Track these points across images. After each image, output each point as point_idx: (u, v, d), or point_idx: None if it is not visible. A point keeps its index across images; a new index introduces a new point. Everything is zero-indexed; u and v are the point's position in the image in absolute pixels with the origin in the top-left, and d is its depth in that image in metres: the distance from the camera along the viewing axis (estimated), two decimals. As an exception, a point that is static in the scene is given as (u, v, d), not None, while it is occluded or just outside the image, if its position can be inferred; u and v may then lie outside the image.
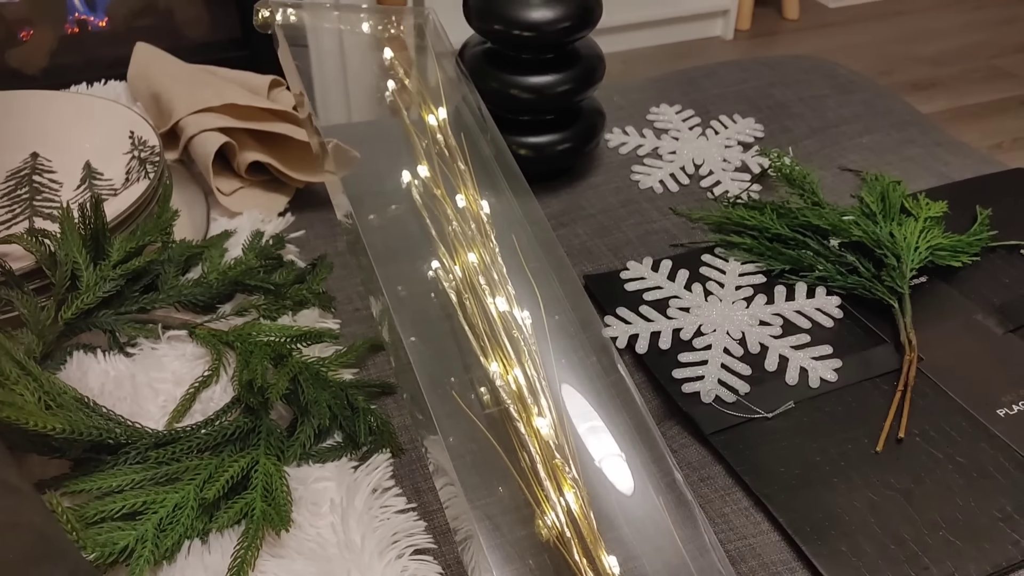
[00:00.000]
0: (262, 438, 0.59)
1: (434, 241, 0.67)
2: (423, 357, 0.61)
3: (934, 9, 2.77)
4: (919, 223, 0.81)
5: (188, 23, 2.02)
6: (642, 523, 0.58)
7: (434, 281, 0.67)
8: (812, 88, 1.11)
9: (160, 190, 0.76)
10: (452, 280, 0.65)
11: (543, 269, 0.69)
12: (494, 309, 0.62)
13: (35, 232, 0.67)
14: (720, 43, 2.57)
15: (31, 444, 0.55)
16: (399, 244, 0.70)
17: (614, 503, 0.58)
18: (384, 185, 0.74)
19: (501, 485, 0.56)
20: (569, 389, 0.63)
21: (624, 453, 0.61)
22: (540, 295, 0.66)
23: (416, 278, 0.68)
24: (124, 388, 0.63)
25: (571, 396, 0.63)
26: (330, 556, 0.54)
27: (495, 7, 0.84)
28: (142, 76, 0.94)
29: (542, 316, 0.65)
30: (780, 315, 0.75)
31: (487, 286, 0.63)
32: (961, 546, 0.58)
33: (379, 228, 0.70)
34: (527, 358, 0.60)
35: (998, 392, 0.68)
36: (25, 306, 0.63)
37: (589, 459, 0.59)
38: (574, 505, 0.53)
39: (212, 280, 0.70)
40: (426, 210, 0.69)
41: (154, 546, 0.52)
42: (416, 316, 0.64)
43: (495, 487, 0.56)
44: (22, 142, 0.83)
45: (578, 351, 0.66)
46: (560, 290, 0.69)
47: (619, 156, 0.98)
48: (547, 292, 0.68)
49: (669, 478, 0.59)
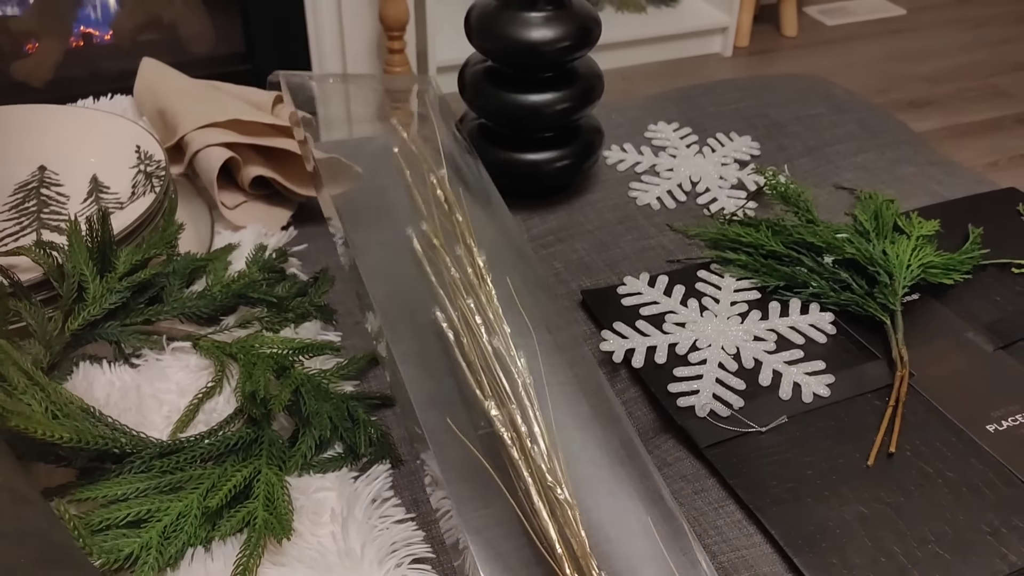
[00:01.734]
0: (264, 448, 0.60)
1: (434, 287, 0.70)
2: (416, 375, 0.63)
3: (932, 28, 2.80)
4: (911, 241, 0.82)
5: (192, 37, 2.04)
6: (631, 538, 0.59)
7: (428, 299, 0.69)
8: (808, 107, 1.12)
9: (165, 204, 0.77)
10: (450, 322, 0.67)
11: (537, 302, 0.72)
12: (489, 347, 0.64)
13: (43, 244, 0.68)
14: (719, 60, 2.59)
15: (38, 453, 0.56)
16: (393, 266, 0.72)
17: (604, 518, 0.59)
18: (380, 206, 0.76)
19: (495, 499, 0.57)
20: (560, 409, 0.65)
21: (613, 469, 0.62)
22: (532, 324, 0.68)
23: (413, 297, 0.70)
24: (129, 398, 0.64)
25: (562, 416, 0.65)
26: (330, 564, 0.55)
27: (496, 27, 0.86)
28: (149, 91, 0.95)
29: (535, 344, 0.67)
30: (774, 331, 0.76)
31: (483, 326, 0.66)
32: (950, 559, 0.59)
33: (374, 248, 0.73)
34: (522, 390, 0.62)
35: (988, 408, 0.70)
36: (33, 317, 0.65)
37: (581, 477, 0.60)
38: (565, 525, 0.55)
39: (216, 293, 0.72)
40: (426, 259, 0.72)
41: (158, 553, 0.53)
42: (410, 333, 0.66)
43: (489, 501, 0.57)
44: (30, 155, 0.84)
45: (570, 369, 0.68)
46: (551, 308, 0.71)
47: (617, 173, 1.00)
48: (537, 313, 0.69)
49: (656, 494, 0.61)
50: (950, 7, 2.93)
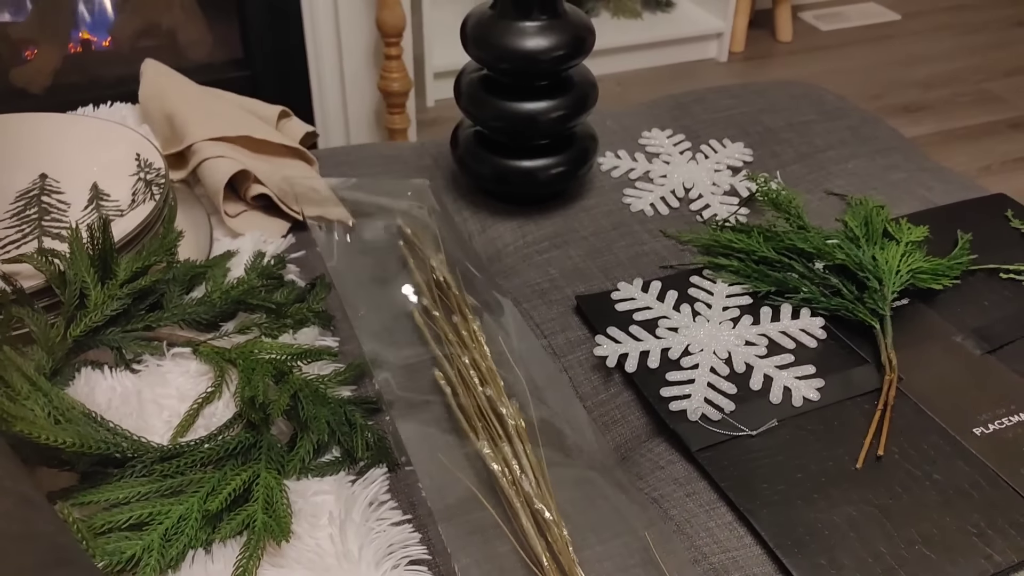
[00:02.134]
0: (263, 453, 0.61)
1: (432, 350, 0.75)
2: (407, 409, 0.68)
3: (925, 33, 2.81)
4: (901, 247, 0.83)
5: (191, 44, 2.05)
6: (618, 542, 0.61)
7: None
8: (800, 114, 1.14)
9: (165, 211, 0.78)
10: (448, 378, 0.72)
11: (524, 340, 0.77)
12: (483, 396, 0.69)
13: (45, 251, 0.69)
14: (714, 65, 2.61)
15: (41, 457, 0.57)
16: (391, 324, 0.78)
17: (590, 525, 0.61)
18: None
19: (479, 510, 0.61)
20: (550, 419, 0.68)
21: (602, 477, 0.65)
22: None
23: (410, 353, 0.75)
24: (130, 403, 0.65)
25: (550, 423, 0.68)
26: (328, 566, 0.56)
27: (491, 36, 0.87)
28: (156, 96, 0.96)
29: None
30: (765, 335, 0.78)
31: (477, 380, 0.71)
32: (936, 560, 0.60)
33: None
34: (513, 431, 0.66)
35: (975, 412, 0.71)
36: (35, 323, 0.66)
37: (568, 490, 0.63)
38: (553, 542, 0.59)
39: (215, 299, 0.73)
40: (427, 328, 0.77)
41: (160, 555, 0.54)
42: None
43: (476, 510, 0.60)
44: (31, 164, 0.85)
45: (558, 375, 0.71)
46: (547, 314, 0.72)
47: (611, 179, 1.01)
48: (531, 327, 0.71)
49: (644, 498, 0.63)
50: (944, 13, 2.95)
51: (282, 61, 1.93)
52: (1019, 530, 0.62)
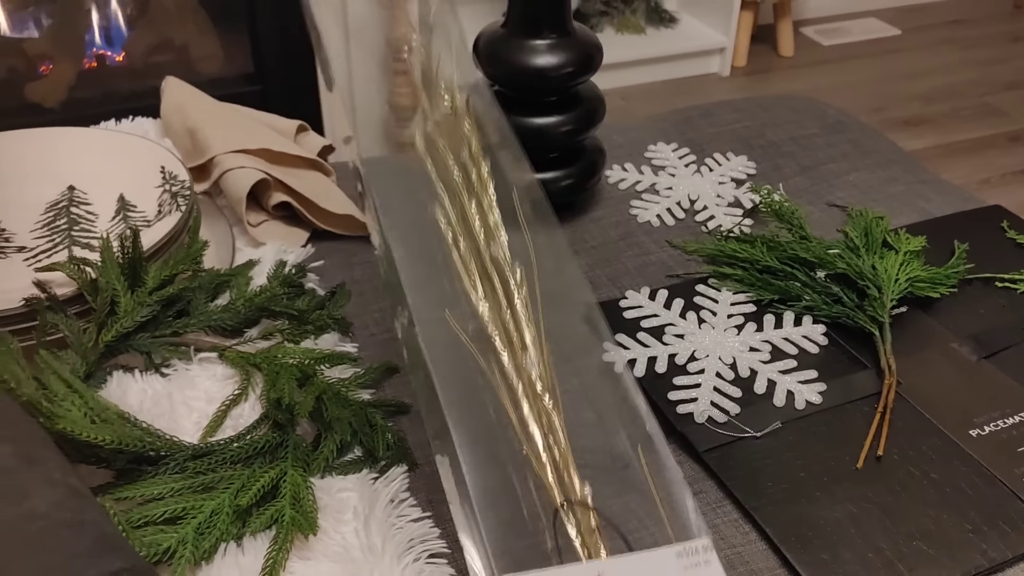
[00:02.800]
0: (289, 451, 0.64)
1: (433, 185, 0.69)
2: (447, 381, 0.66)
3: (926, 48, 2.85)
4: (900, 256, 0.86)
5: (203, 59, 2.09)
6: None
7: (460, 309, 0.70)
8: (802, 128, 1.17)
9: (190, 222, 0.81)
10: (449, 223, 0.66)
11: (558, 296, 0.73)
12: (487, 254, 0.63)
13: (77, 260, 0.72)
14: (717, 79, 2.64)
15: (80, 455, 0.60)
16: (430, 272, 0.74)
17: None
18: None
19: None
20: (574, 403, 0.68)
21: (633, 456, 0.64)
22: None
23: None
24: (161, 405, 0.68)
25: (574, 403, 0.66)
26: (354, 559, 0.58)
27: (503, 53, 0.90)
28: (177, 111, 1.00)
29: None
30: (769, 342, 0.80)
31: (483, 232, 0.65)
32: (934, 555, 0.63)
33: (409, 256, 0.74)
34: (517, 299, 0.61)
35: (971, 414, 0.73)
36: (69, 329, 0.69)
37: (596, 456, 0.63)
38: (550, 432, 0.56)
39: (240, 306, 0.76)
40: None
41: (194, 547, 0.56)
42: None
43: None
44: (59, 176, 0.88)
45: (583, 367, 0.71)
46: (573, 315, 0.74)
47: (619, 191, 1.04)
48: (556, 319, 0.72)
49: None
50: (944, 27, 2.99)
51: (293, 76, 1.97)
52: (1013, 527, 0.65)
